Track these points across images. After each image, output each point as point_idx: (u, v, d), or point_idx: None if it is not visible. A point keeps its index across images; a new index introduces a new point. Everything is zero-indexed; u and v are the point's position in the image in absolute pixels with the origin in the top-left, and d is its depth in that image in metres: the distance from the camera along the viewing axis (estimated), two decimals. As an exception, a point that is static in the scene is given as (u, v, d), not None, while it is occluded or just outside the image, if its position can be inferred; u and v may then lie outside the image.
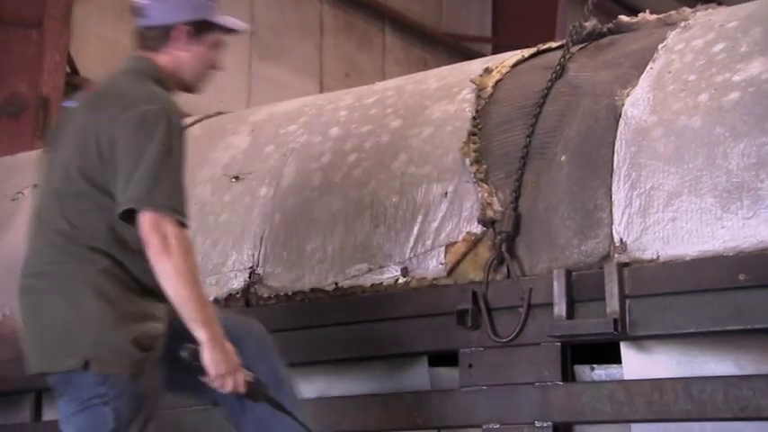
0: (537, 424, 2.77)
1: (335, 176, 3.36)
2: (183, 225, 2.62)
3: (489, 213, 2.99)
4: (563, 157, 2.96)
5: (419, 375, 3.08)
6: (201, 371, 2.62)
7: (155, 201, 2.59)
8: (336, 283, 3.20)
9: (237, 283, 3.38)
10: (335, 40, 10.55)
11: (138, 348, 2.63)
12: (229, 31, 2.96)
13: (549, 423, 2.76)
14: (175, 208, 2.61)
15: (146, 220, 2.58)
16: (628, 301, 2.71)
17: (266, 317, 3.30)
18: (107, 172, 2.66)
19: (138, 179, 2.59)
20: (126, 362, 2.62)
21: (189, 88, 2.91)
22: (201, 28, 2.86)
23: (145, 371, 2.64)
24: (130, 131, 2.64)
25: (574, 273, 2.80)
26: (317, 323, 3.20)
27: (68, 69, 8.07)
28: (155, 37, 2.84)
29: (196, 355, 2.61)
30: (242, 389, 2.65)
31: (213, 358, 2.60)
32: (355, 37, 10.76)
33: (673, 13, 3.28)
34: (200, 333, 2.60)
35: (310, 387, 3.26)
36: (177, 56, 2.84)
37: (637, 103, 2.91)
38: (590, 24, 3.35)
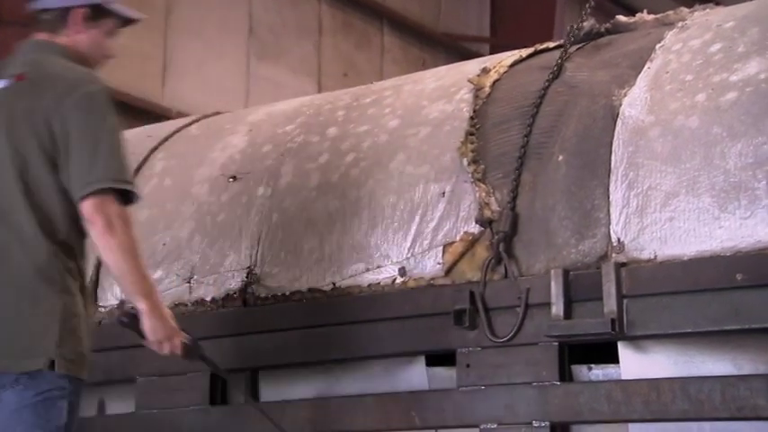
0: (534, 424, 2.77)
1: (333, 176, 3.36)
2: (129, 201, 2.77)
3: (487, 213, 2.99)
4: (560, 157, 2.96)
5: (417, 375, 3.08)
6: (141, 336, 2.83)
7: (119, 179, 2.72)
8: (334, 283, 3.20)
9: (235, 283, 3.38)
10: (334, 40, 10.56)
11: (90, 353, 2.77)
12: (125, 20, 3.04)
13: (547, 423, 2.76)
14: (133, 184, 2.78)
15: (91, 201, 2.69)
16: (625, 301, 2.71)
17: (264, 317, 3.31)
18: (60, 154, 2.73)
19: (103, 161, 2.70)
20: (84, 365, 2.75)
21: None
22: (98, 13, 2.95)
23: None
24: (82, 114, 2.74)
25: (571, 272, 2.80)
26: (314, 323, 3.20)
27: (66, 69, 8.06)
28: (52, 20, 2.92)
29: (136, 322, 2.80)
30: (178, 351, 2.86)
31: (152, 325, 2.79)
32: (353, 37, 10.77)
33: (670, 13, 3.29)
34: (141, 304, 2.78)
35: (308, 387, 3.27)
36: (75, 39, 2.92)
37: (634, 103, 2.91)
38: (588, 24, 3.36)
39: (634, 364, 2.75)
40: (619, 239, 2.76)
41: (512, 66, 3.38)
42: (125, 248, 2.71)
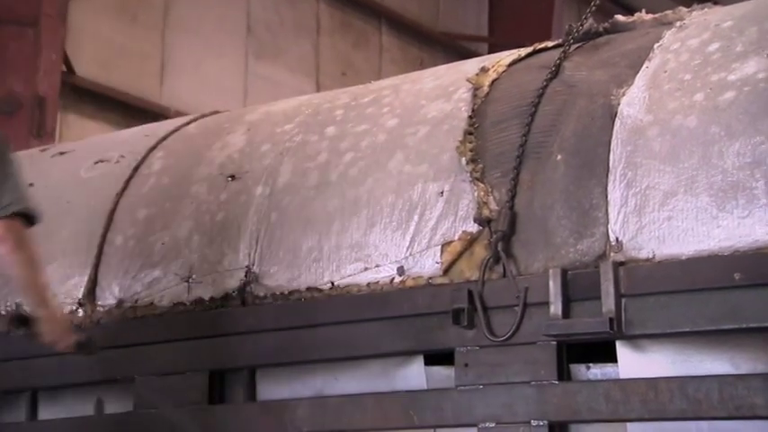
0: (533, 423, 2.77)
1: (332, 175, 3.36)
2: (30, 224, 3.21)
3: (485, 212, 3.00)
4: (559, 157, 2.96)
5: (415, 374, 3.08)
6: (37, 337, 3.22)
7: (26, 205, 3.18)
8: (332, 282, 3.20)
9: (234, 282, 3.38)
10: (332, 40, 10.56)
11: None
12: None
13: (545, 422, 2.76)
14: (36, 209, 3.22)
15: (3, 223, 3.11)
16: (623, 300, 2.71)
17: (262, 316, 3.31)
18: None
19: (11, 192, 3.15)
20: None
21: None
22: None
23: None
24: None
25: (570, 272, 2.80)
26: (313, 322, 3.20)
27: (64, 68, 8.07)
28: None
29: (32, 324, 3.20)
30: (71, 349, 3.25)
31: (48, 329, 3.19)
32: (352, 36, 10.78)
33: (669, 12, 3.29)
34: (40, 311, 3.19)
35: (306, 386, 3.27)
36: None
37: (632, 103, 2.91)
38: (586, 24, 3.36)
39: (632, 363, 2.75)
40: (617, 239, 2.77)
41: (510, 65, 3.38)
42: (32, 263, 3.17)
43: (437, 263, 3.03)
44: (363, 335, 3.11)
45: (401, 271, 3.09)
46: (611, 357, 2.79)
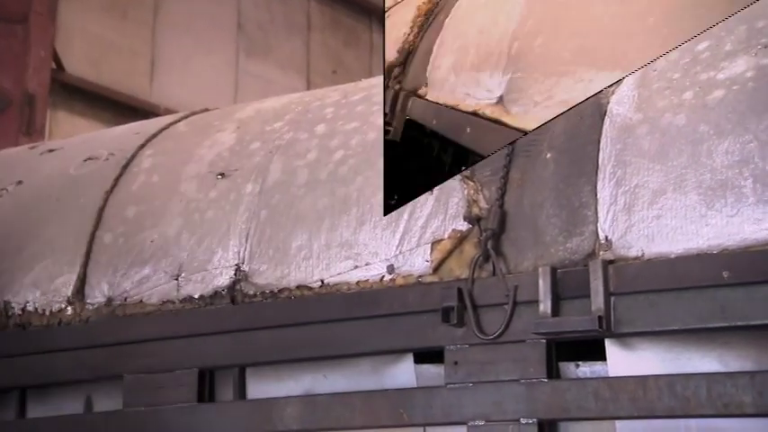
0: (522, 421, 2.78)
1: (321, 173, 3.36)
2: None
3: (475, 211, 3.00)
4: (548, 155, 2.97)
5: (405, 373, 3.08)
6: None
7: None
8: (322, 281, 3.20)
9: (223, 280, 3.38)
10: (323, 37, 10.56)
11: None
12: None
13: (534, 420, 2.76)
14: None
15: None
16: (612, 299, 2.71)
17: (252, 314, 3.30)
18: None
19: None
20: None
21: None
22: None
23: None
24: None
25: (559, 270, 2.80)
26: (302, 320, 3.20)
27: (54, 65, 8.06)
28: None
29: None
30: None
31: None
32: (342, 34, 10.77)
33: (658, 11, 3.30)
34: None
35: (296, 385, 3.27)
36: None
37: (622, 101, 2.92)
38: (576, 22, 3.36)
39: (621, 361, 2.76)
40: (606, 237, 2.77)
41: (500, 63, 3.38)
42: None
43: (427, 261, 3.04)
44: (353, 333, 3.11)
45: (391, 269, 3.09)
46: (601, 355, 2.80)
